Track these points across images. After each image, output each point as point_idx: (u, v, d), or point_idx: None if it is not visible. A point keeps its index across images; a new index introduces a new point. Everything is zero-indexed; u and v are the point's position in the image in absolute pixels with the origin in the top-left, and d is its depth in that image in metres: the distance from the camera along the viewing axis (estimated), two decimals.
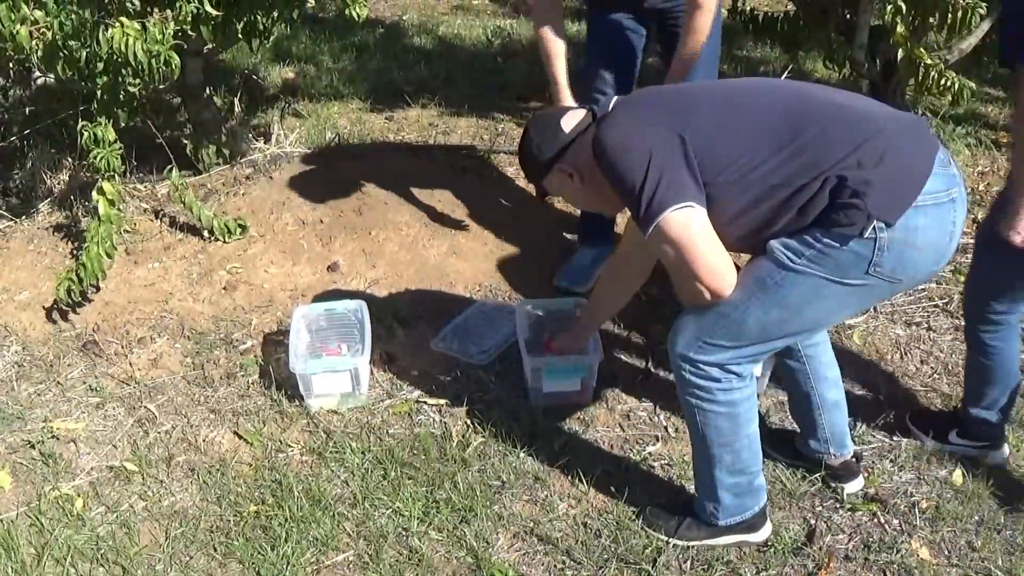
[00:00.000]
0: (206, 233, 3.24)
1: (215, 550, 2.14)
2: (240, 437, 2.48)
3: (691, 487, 2.22)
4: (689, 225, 1.67)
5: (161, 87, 3.50)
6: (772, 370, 2.50)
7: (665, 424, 2.52)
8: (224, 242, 3.22)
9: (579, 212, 3.09)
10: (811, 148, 1.66)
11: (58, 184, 3.47)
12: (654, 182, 1.67)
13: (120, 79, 2.72)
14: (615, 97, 1.85)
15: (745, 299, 1.76)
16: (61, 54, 2.63)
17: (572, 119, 1.89)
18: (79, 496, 2.30)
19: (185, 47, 2.88)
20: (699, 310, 1.82)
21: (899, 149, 1.66)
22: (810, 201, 1.68)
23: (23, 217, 3.33)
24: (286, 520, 2.19)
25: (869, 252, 1.68)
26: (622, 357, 2.74)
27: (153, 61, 2.56)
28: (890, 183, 1.66)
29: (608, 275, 2.29)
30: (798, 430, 2.29)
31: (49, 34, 2.57)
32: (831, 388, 2.16)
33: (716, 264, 1.71)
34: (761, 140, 1.68)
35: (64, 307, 2.86)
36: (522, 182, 3.64)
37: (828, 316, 1.83)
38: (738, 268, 1.78)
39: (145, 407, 2.59)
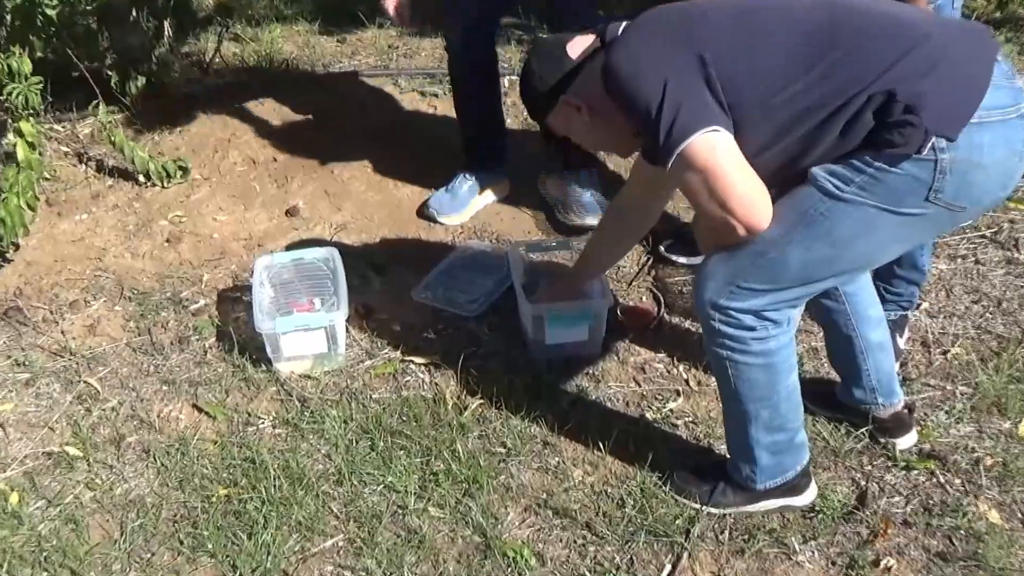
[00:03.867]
0: (141, 177, 3.17)
1: (181, 543, 2.06)
2: (200, 410, 2.41)
3: (721, 447, 2.19)
4: (716, 150, 1.62)
5: (79, 10, 3.31)
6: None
7: (685, 376, 2.47)
8: (163, 187, 3.16)
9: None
10: (847, 62, 1.61)
11: None
12: (673, 107, 1.62)
13: (35, 1, 2.61)
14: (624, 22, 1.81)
15: (785, 235, 1.69)
16: None
17: (579, 45, 1.84)
18: (13, 490, 2.20)
19: None
20: (730, 250, 1.76)
21: (952, 56, 1.61)
22: (853, 122, 1.62)
23: None
24: (262, 503, 2.12)
25: (928, 175, 1.61)
26: (629, 302, 2.71)
27: None
28: (948, 92, 1.59)
29: (611, 219, 2.25)
30: (838, 379, 2.24)
31: None
32: (875, 328, 2.09)
33: (750, 193, 1.65)
34: (790, 56, 1.63)
35: None
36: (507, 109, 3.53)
37: (879, 252, 1.77)
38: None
39: (85, 381, 2.49)
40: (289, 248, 2.83)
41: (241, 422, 2.37)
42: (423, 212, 3.00)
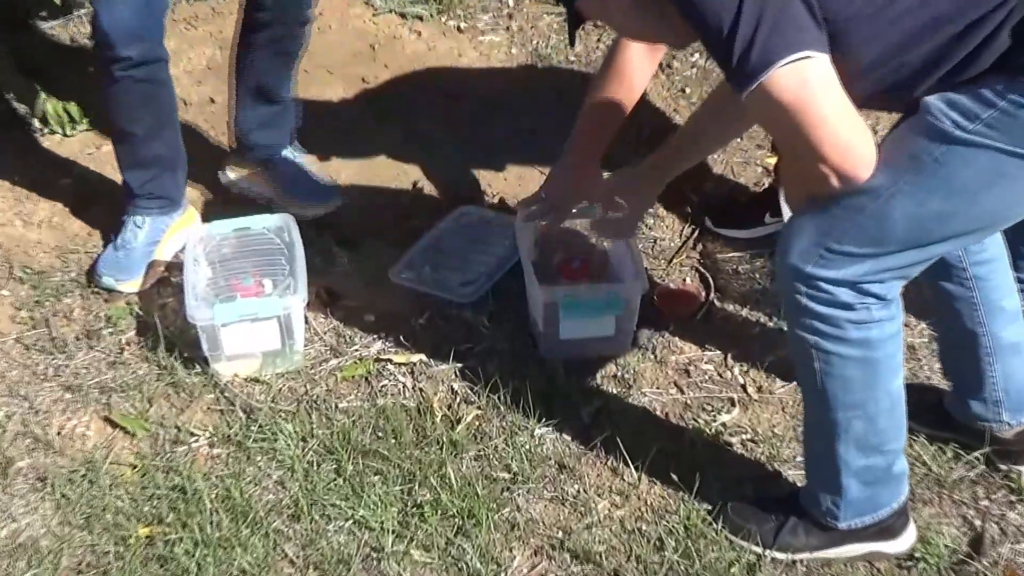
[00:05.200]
0: (36, 123, 3.18)
1: None
2: (115, 425, 2.41)
3: (791, 472, 2.20)
4: (807, 83, 1.62)
5: None
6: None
7: (742, 380, 2.48)
8: (64, 136, 3.17)
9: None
10: None
11: None
12: (752, 21, 1.60)
13: None
14: None
15: (890, 184, 1.70)
16: None
17: None
18: None
19: None
20: (822, 204, 1.77)
21: None
22: (988, 41, 1.62)
23: None
24: (195, 545, 2.11)
25: None
26: (669, 285, 2.72)
27: None
28: None
29: (709, 109, 2.23)
30: (947, 386, 2.26)
31: None
32: (1009, 324, 2.09)
33: (848, 134, 1.65)
34: None
35: None
36: (502, 34, 3.59)
37: (1009, 209, 1.78)
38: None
39: None
40: (232, 215, 2.79)
41: (168, 440, 2.37)
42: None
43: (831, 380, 1.89)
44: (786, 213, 1.99)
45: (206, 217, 2.91)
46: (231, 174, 3.00)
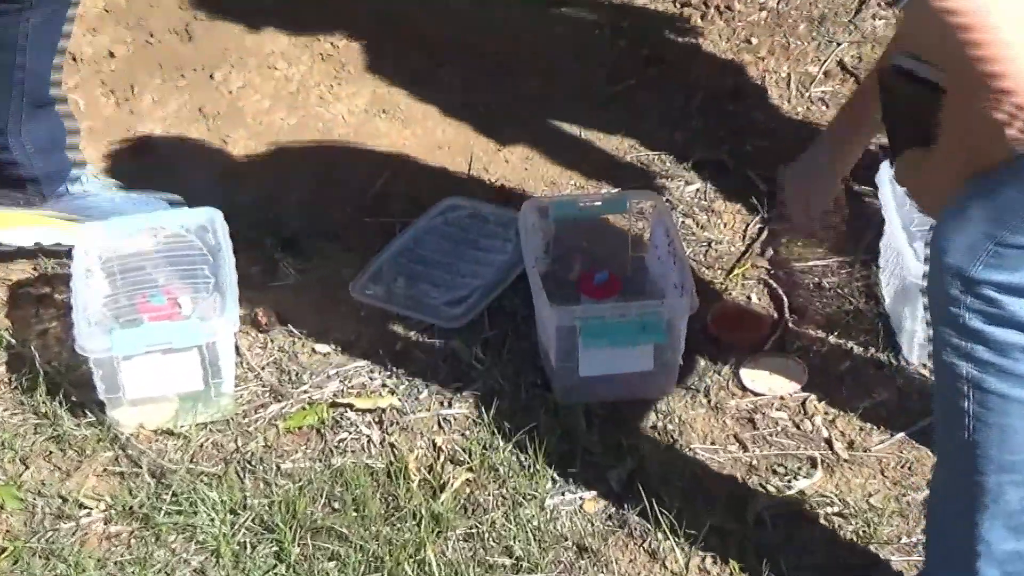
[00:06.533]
0: None
1: None
2: None
3: (897, 558, 2.21)
4: None
5: None
6: None
7: (826, 432, 2.48)
8: None
9: None
10: None
11: None
12: None
13: None
14: None
15: None
16: None
17: None
18: None
19: None
20: (991, 183, 1.75)
21: None
22: None
23: None
24: None
25: None
26: (727, 303, 2.76)
27: None
28: None
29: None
30: None
31: None
32: None
33: None
34: None
35: None
36: None
37: None
38: None
39: None
40: (136, 208, 2.80)
41: (50, 514, 2.36)
42: None
43: (985, 429, 1.85)
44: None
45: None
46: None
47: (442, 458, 2.44)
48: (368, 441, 2.49)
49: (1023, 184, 1.74)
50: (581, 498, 2.37)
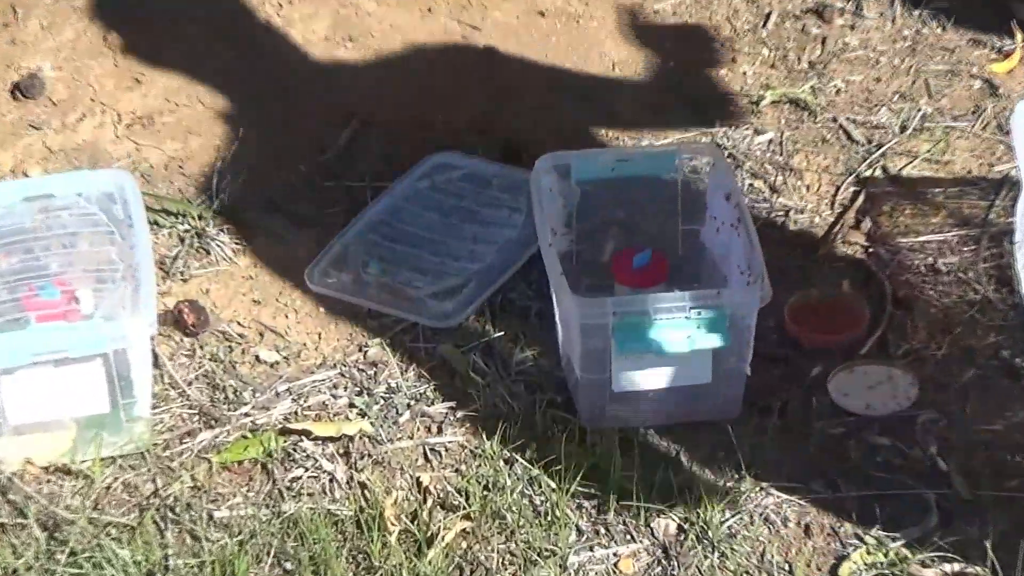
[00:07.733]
0: None
1: None
2: None
3: None
4: None
5: None
6: None
7: (944, 467, 2.48)
8: None
9: None
10: None
11: None
12: None
13: None
14: None
15: None
16: None
17: None
18: None
19: None
20: None
21: None
22: None
23: None
24: None
25: None
26: (812, 293, 2.78)
27: None
28: None
29: None
30: None
31: None
32: None
33: None
34: None
35: None
36: None
37: None
38: None
39: None
40: (20, 172, 2.88)
41: None
42: None
43: None
44: None
45: None
46: None
47: (430, 502, 2.45)
48: (331, 480, 2.50)
49: None
50: (616, 555, 2.38)
